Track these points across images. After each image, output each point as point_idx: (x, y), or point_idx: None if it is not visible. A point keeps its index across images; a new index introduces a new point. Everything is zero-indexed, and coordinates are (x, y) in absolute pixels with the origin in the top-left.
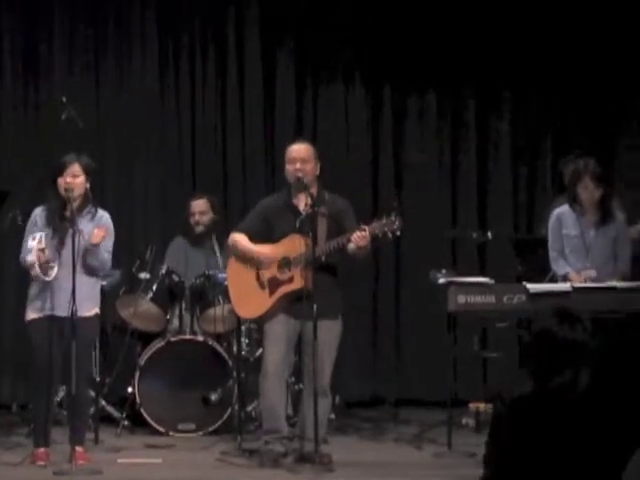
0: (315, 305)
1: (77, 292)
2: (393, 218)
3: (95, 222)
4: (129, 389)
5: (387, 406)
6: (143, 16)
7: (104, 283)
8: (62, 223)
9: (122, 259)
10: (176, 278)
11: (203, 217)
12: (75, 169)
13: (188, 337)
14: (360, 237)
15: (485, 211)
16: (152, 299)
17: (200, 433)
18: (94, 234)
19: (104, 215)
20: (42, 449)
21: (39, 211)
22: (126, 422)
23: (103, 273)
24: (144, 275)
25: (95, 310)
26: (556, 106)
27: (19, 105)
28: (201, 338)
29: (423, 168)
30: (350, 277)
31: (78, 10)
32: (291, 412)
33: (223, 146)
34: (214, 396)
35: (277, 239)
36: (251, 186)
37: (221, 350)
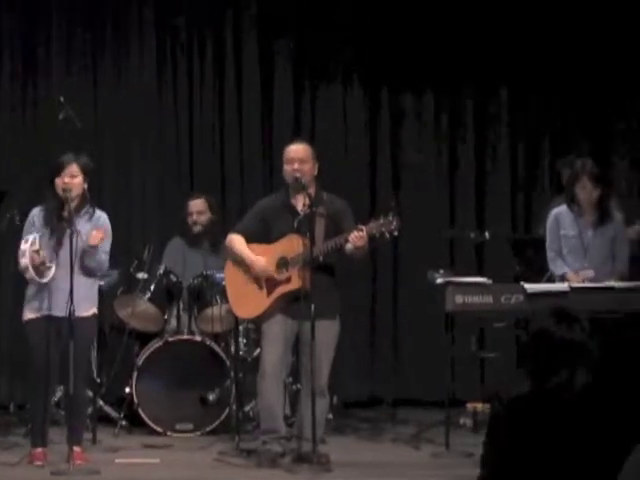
0: (313, 305)
1: (75, 292)
2: (390, 218)
3: (93, 222)
4: (127, 389)
5: (385, 406)
6: (141, 17)
7: (102, 283)
8: (60, 223)
9: (120, 259)
10: (174, 278)
11: (201, 217)
12: (73, 169)
13: (186, 337)
14: (357, 237)
15: (483, 211)
16: (150, 299)
17: (198, 433)
18: (92, 236)
19: (102, 215)
20: (40, 449)
21: (37, 211)
22: (124, 422)
23: (100, 273)
24: (142, 275)
25: (93, 310)
26: (554, 106)
27: (17, 105)
28: (199, 338)
29: (421, 168)
30: (348, 277)
31: (76, 10)
32: (289, 412)
33: (221, 146)
34: (212, 396)
35: (275, 239)
36: (249, 186)
37: (219, 350)
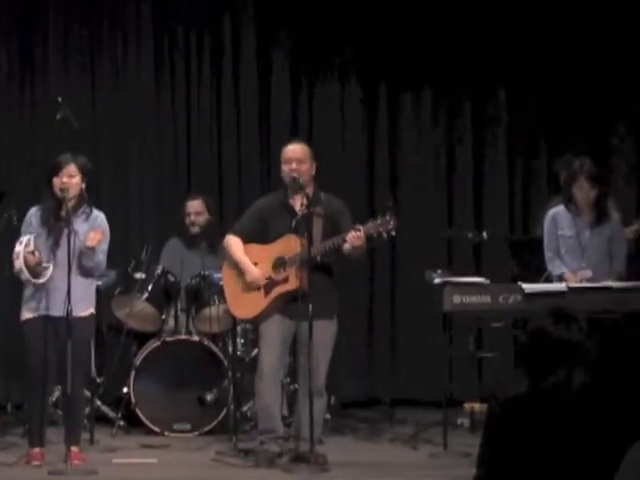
0: (310, 305)
1: (72, 292)
2: (388, 218)
3: (90, 222)
4: (124, 389)
5: (383, 406)
6: (138, 16)
7: (99, 283)
8: (57, 223)
9: (117, 259)
10: (171, 278)
11: (199, 218)
12: (71, 169)
13: (183, 337)
14: (355, 237)
15: (481, 211)
16: (147, 299)
17: (195, 433)
18: (90, 237)
19: (99, 215)
20: (37, 449)
21: (34, 211)
22: (121, 422)
23: (98, 274)
24: (139, 275)
25: (90, 310)
26: (552, 107)
27: (14, 105)
28: (196, 338)
29: (419, 169)
30: (345, 277)
31: (73, 10)
32: (286, 412)
33: (218, 146)
34: (209, 396)
35: (272, 239)
36: (246, 187)
37: (216, 350)
